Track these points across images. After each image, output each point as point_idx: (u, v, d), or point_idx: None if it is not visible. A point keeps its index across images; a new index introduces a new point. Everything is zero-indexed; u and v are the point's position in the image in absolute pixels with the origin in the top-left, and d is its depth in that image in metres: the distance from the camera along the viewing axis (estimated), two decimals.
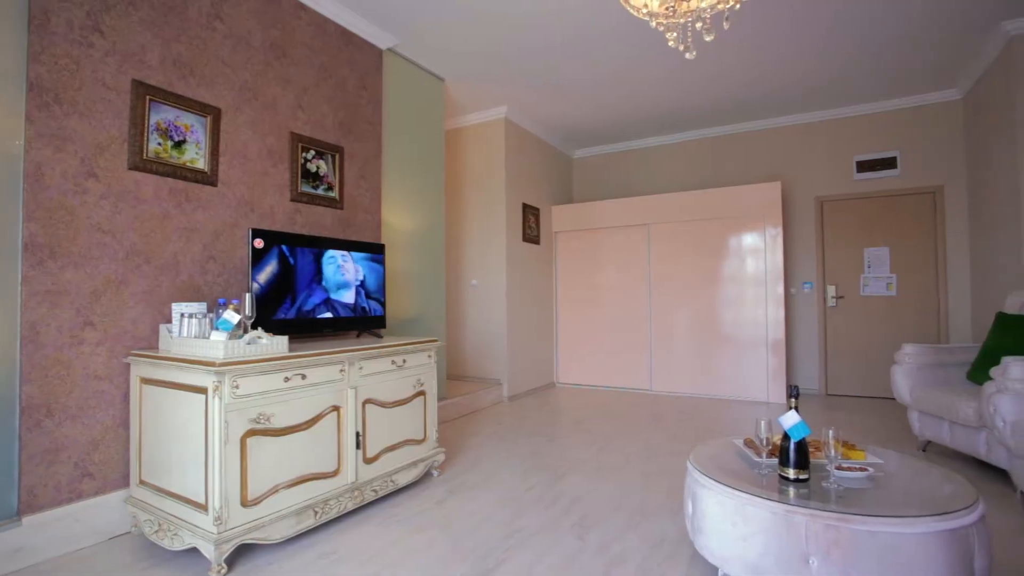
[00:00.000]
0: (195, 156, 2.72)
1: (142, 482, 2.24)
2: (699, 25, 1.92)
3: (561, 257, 6.38)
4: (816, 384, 5.53)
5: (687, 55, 1.99)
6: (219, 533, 1.91)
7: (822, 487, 1.74)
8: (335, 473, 2.41)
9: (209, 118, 2.78)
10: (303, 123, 3.37)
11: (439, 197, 4.70)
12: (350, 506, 2.44)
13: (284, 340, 2.26)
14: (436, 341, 3.15)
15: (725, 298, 5.43)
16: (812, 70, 4.56)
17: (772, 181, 5.37)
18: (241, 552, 2.10)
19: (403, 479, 2.79)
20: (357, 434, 2.53)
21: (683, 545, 2.13)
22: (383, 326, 3.34)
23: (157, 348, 2.44)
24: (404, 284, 4.25)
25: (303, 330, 2.82)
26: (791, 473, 1.75)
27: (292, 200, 3.27)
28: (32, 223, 2.15)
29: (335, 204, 3.56)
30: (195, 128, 2.72)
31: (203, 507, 1.96)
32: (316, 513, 2.27)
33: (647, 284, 5.84)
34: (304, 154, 3.36)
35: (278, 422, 2.15)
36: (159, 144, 2.56)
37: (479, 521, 2.42)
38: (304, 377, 2.28)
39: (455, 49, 4.21)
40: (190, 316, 2.23)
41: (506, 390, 5.36)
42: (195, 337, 2.18)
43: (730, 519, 1.70)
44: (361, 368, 2.60)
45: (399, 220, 4.24)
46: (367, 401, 2.62)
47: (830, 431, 1.77)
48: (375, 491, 2.60)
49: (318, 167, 3.47)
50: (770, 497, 1.64)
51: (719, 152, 6.09)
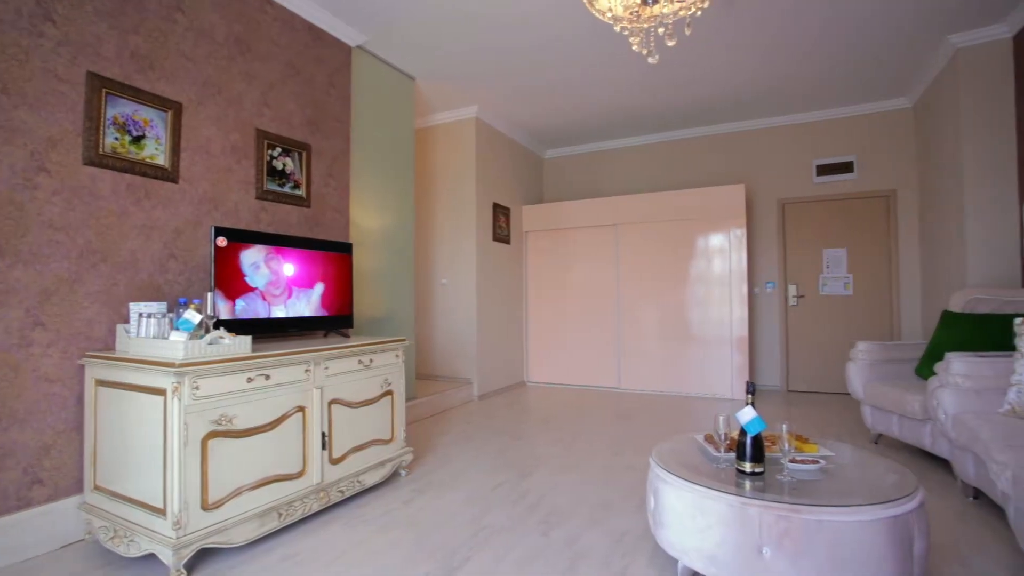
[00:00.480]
0: (155, 152, 2.65)
1: (97, 487, 2.18)
2: (661, 31, 1.97)
3: (531, 257, 6.42)
4: (778, 381, 5.71)
5: (650, 59, 2.04)
6: (178, 538, 1.87)
7: (776, 480, 1.81)
8: (300, 474, 2.38)
9: (170, 113, 2.71)
10: (269, 120, 3.31)
11: (409, 196, 4.68)
12: (316, 507, 2.42)
13: (247, 340, 2.23)
14: (404, 340, 3.14)
15: (691, 297, 5.55)
16: (774, 76, 4.71)
17: (737, 184, 5.51)
18: (201, 557, 2.06)
19: (370, 479, 2.78)
20: (323, 434, 2.51)
21: (646, 539, 2.18)
22: (350, 325, 3.32)
23: (114, 349, 2.37)
24: (373, 283, 4.22)
25: (268, 330, 2.78)
26: (747, 467, 1.82)
27: (258, 198, 3.21)
28: None
29: (302, 202, 3.52)
30: (155, 123, 2.65)
31: (161, 511, 1.91)
32: (280, 515, 2.25)
33: (615, 284, 5.93)
34: (270, 151, 3.30)
35: (241, 423, 2.12)
36: (116, 139, 2.48)
37: (446, 519, 2.43)
38: (268, 377, 2.25)
39: (425, 48, 4.19)
40: (149, 316, 2.17)
41: (476, 389, 5.37)
42: (154, 338, 2.12)
43: (689, 512, 1.76)
44: (327, 368, 2.58)
45: (368, 219, 4.20)
46: (333, 401, 2.60)
47: (783, 426, 1.85)
48: (341, 492, 2.58)
49: (284, 165, 3.41)
50: (726, 490, 1.70)
51: (686, 154, 6.22)
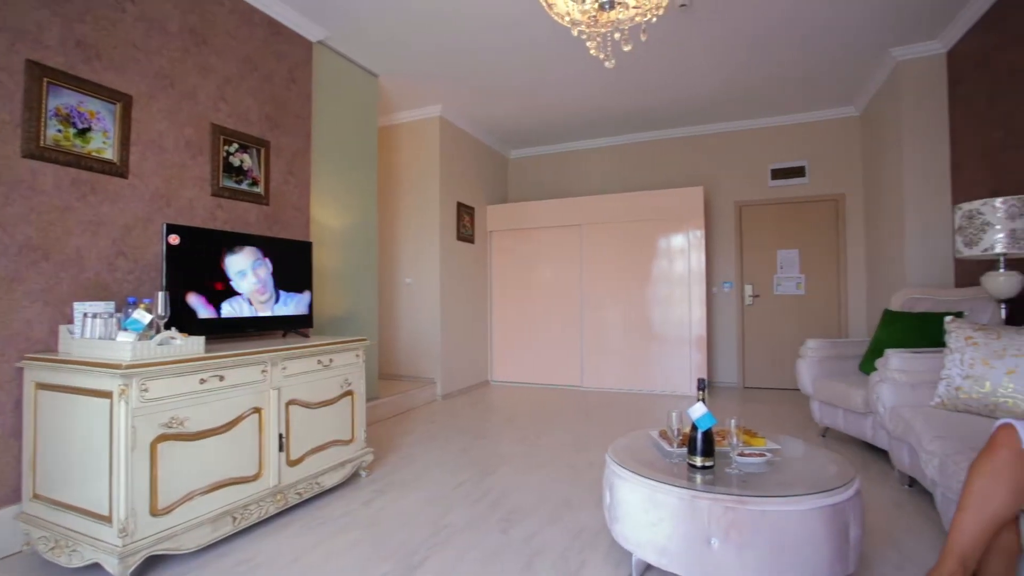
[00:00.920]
0: (102, 145, 2.55)
1: (36, 496, 2.08)
2: (617, 36, 2.01)
3: (496, 256, 6.44)
4: (735, 378, 5.90)
5: (607, 64, 2.08)
6: (124, 546, 1.81)
7: (725, 473, 1.88)
8: (256, 477, 2.34)
9: (119, 105, 2.62)
10: (226, 115, 3.23)
11: (372, 194, 4.63)
12: (272, 510, 2.38)
13: (200, 340, 2.17)
14: (365, 340, 3.12)
15: (652, 297, 5.67)
16: (730, 83, 4.86)
17: (696, 186, 5.65)
18: (150, 564, 2.00)
19: (330, 481, 2.75)
20: (280, 436, 2.47)
21: (603, 534, 2.23)
22: (310, 325, 3.27)
23: (56, 351, 2.27)
24: (334, 282, 4.16)
25: (224, 330, 2.72)
26: (698, 461, 1.88)
27: (213, 195, 3.13)
28: None
29: (260, 200, 3.44)
30: (102, 115, 2.55)
31: (107, 519, 1.85)
32: (235, 519, 2.20)
33: (579, 283, 6.01)
34: (227, 147, 3.22)
35: (193, 426, 2.07)
36: (59, 131, 2.38)
37: (406, 520, 2.43)
38: (222, 379, 2.20)
39: (389, 45, 4.16)
40: (94, 316, 2.09)
41: (440, 389, 5.36)
42: (99, 338, 2.05)
43: (642, 506, 1.81)
44: (285, 368, 2.54)
45: (329, 217, 4.14)
46: (291, 402, 2.56)
47: (732, 421, 1.92)
48: (299, 494, 2.55)
49: (242, 161, 3.33)
50: (677, 484, 1.76)
51: (648, 156, 6.35)
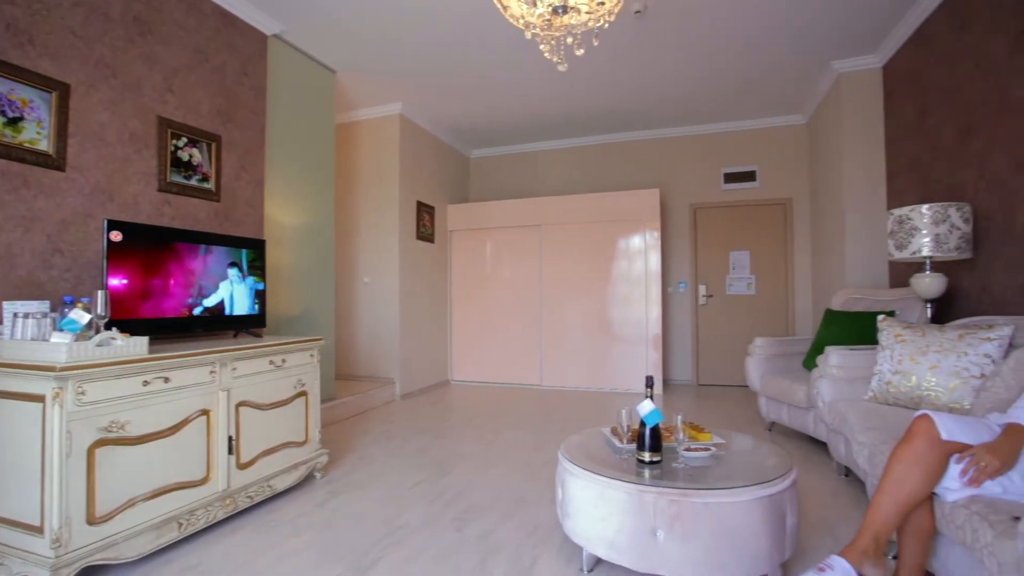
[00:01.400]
0: (36, 136, 2.43)
1: None
2: (570, 40, 2.06)
3: (456, 256, 6.43)
4: (689, 375, 6.08)
5: (560, 67, 2.12)
6: (57, 557, 1.73)
7: (672, 467, 1.95)
8: (204, 481, 2.28)
9: (55, 94, 2.50)
10: (174, 107, 3.12)
11: (329, 192, 4.56)
12: (221, 515, 2.32)
13: (143, 341, 2.10)
14: (320, 340, 3.07)
15: (611, 297, 5.78)
16: (684, 90, 5.00)
17: (652, 188, 5.79)
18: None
19: (282, 483, 2.70)
20: (230, 438, 2.41)
21: (556, 530, 2.27)
22: (262, 325, 3.20)
23: None
24: (289, 281, 4.07)
25: (172, 330, 2.63)
26: (646, 456, 1.94)
27: (160, 190, 3.02)
28: None
29: (211, 196, 3.34)
30: (36, 104, 2.43)
31: (38, 530, 1.76)
32: (181, 525, 2.13)
33: (538, 283, 6.07)
34: (175, 141, 3.12)
35: (135, 429, 2.00)
36: None
37: (360, 520, 2.41)
38: (167, 380, 2.13)
39: (347, 41, 4.10)
40: (26, 316, 1.99)
41: (399, 389, 5.32)
42: (32, 339, 1.95)
43: (592, 501, 1.85)
44: (235, 369, 2.47)
45: (285, 215, 4.05)
46: (242, 403, 2.50)
47: (678, 417, 1.99)
48: (250, 497, 2.49)
49: (191, 155, 3.23)
50: (625, 479, 1.81)
51: (606, 158, 6.47)
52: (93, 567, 1.91)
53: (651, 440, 1.93)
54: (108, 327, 2.07)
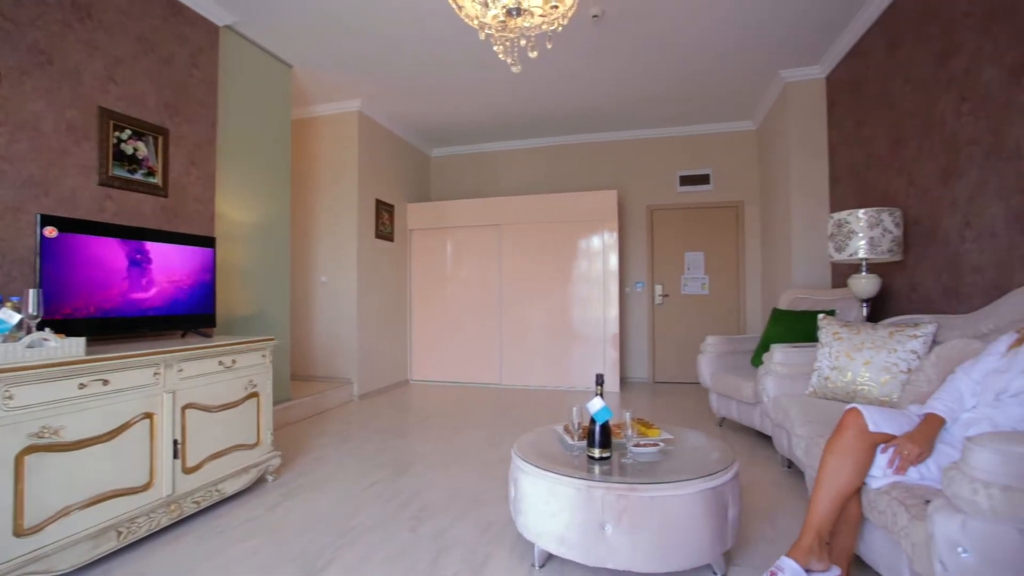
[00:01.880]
0: None
1: None
2: (523, 42, 2.08)
3: (416, 255, 6.39)
4: (646, 373, 6.22)
5: (513, 69, 2.15)
6: None
7: (621, 463, 2.00)
8: (146, 487, 2.20)
9: None
10: (116, 98, 2.99)
11: (285, 189, 4.45)
12: (165, 522, 2.25)
13: (80, 342, 2.01)
14: (272, 340, 3.01)
15: (569, 296, 5.86)
16: (640, 94, 5.12)
17: (610, 190, 5.89)
18: None
19: (231, 487, 2.63)
20: (175, 442, 2.33)
21: (510, 528, 2.29)
22: (212, 325, 3.11)
23: None
24: (242, 280, 3.96)
25: (114, 330, 2.53)
26: (596, 452, 1.99)
27: (101, 184, 2.90)
28: None
29: (157, 191, 3.22)
30: None
31: None
32: (120, 534, 2.06)
33: (498, 283, 6.09)
34: (118, 133, 2.99)
35: (70, 435, 1.91)
36: None
37: (312, 523, 2.38)
38: (106, 383, 2.05)
39: (303, 35, 4.02)
40: None
41: (356, 389, 5.25)
42: None
43: (543, 498, 1.89)
44: (181, 370, 2.40)
45: (238, 212, 3.94)
46: (188, 406, 2.42)
47: (627, 414, 2.05)
48: (197, 503, 2.42)
49: (136, 149, 3.11)
50: (574, 475, 1.85)
51: (566, 159, 6.55)
52: None
53: (601, 437, 1.98)
54: (41, 327, 1.97)
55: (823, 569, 1.65)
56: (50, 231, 2.28)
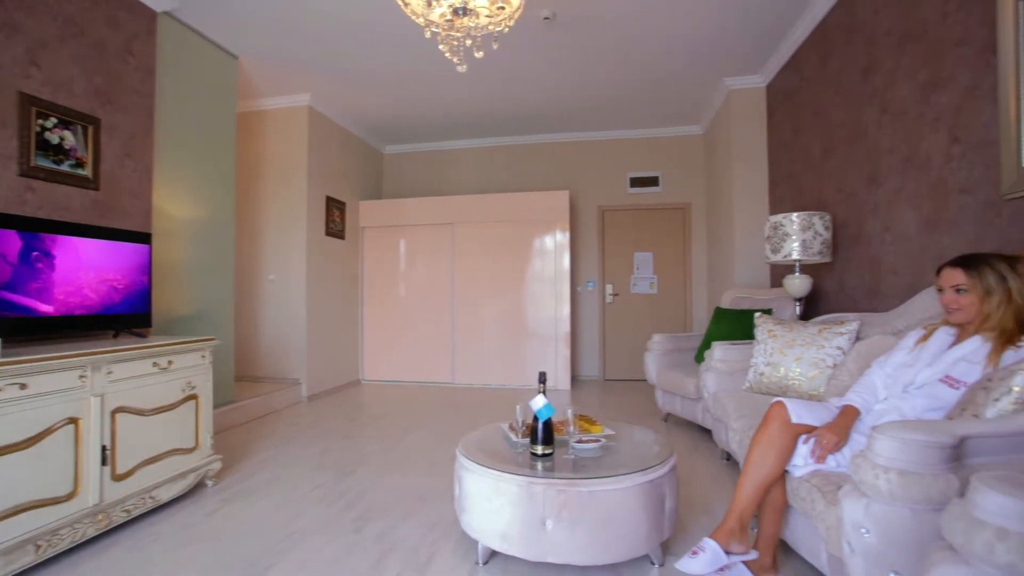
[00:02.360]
0: None
1: None
2: (469, 42, 2.09)
3: (368, 253, 6.30)
4: (597, 371, 6.35)
5: (459, 68, 2.16)
6: None
7: (563, 459, 2.05)
8: (70, 496, 2.09)
9: None
10: (40, 84, 2.82)
11: (229, 184, 4.30)
12: (92, 532, 2.14)
13: None
14: (212, 340, 2.91)
15: (522, 295, 5.91)
16: (591, 96, 5.21)
17: (562, 190, 5.97)
18: None
19: (167, 493, 2.53)
20: (104, 448, 2.23)
21: (455, 526, 2.30)
22: (148, 325, 2.98)
23: None
24: (182, 278, 3.81)
25: (37, 331, 2.38)
26: (539, 449, 2.03)
27: (23, 175, 2.72)
28: None
29: (87, 184, 3.06)
30: None
31: None
32: (39, 547, 1.94)
33: (451, 281, 6.08)
34: (42, 121, 2.82)
35: None
36: None
37: (253, 528, 2.32)
38: (24, 387, 1.93)
39: (249, 24, 3.89)
40: None
41: (305, 390, 5.14)
42: None
43: (486, 495, 1.91)
44: (111, 373, 2.29)
45: (178, 207, 3.78)
46: (119, 410, 2.32)
47: (569, 411, 2.09)
48: (128, 511, 2.32)
49: (63, 138, 2.94)
50: (516, 472, 1.88)
51: (520, 159, 6.59)
52: None
53: (543, 434, 2.02)
54: None
55: (743, 551, 1.74)
56: None
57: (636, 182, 6.29)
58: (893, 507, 1.26)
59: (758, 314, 3.18)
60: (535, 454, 2.03)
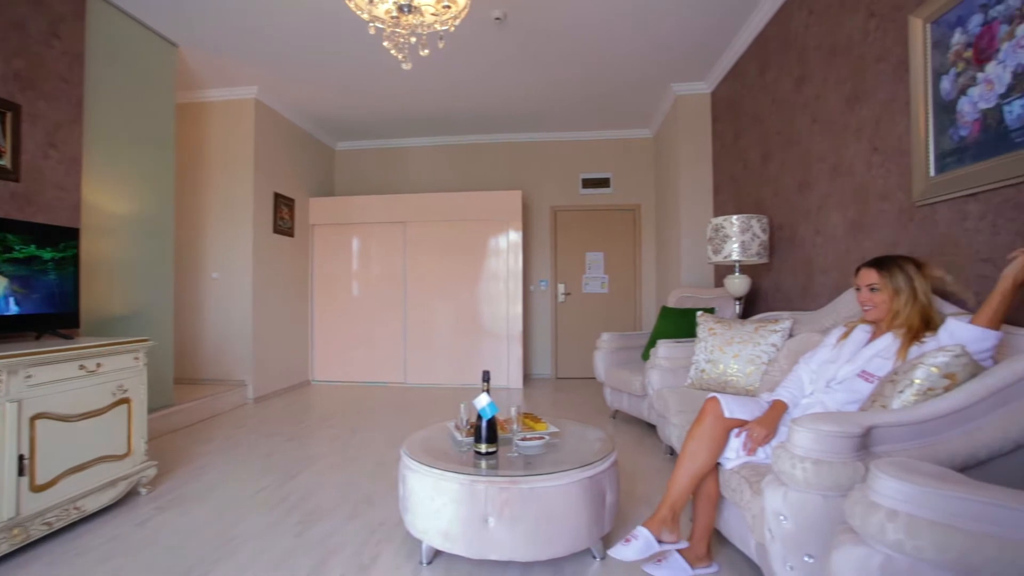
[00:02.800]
0: None
1: None
2: (414, 40, 2.08)
3: (318, 251, 6.16)
4: (549, 369, 6.42)
5: (404, 66, 2.14)
6: None
7: (507, 457, 2.07)
8: None
9: None
10: None
11: (168, 178, 4.12)
12: (5, 549, 2.01)
13: None
14: (147, 341, 2.78)
15: (475, 294, 5.91)
16: (542, 98, 5.27)
17: (515, 190, 6.01)
18: None
19: (94, 503, 2.41)
20: (21, 458, 2.10)
21: (400, 527, 2.28)
22: (75, 325, 2.82)
23: None
24: (117, 276, 3.63)
25: None
26: (483, 448, 2.04)
27: None
28: None
29: (6, 175, 2.87)
30: None
31: None
32: None
33: (403, 280, 6.02)
34: None
35: None
36: None
37: (188, 536, 2.24)
38: None
39: (190, 13, 3.74)
40: None
41: (251, 391, 4.98)
42: None
43: (428, 494, 1.91)
44: (30, 376, 2.16)
45: (111, 201, 3.60)
46: (39, 415, 2.19)
47: (513, 409, 2.12)
48: (49, 524, 2.19)
49: None
50: (457, 470, 1.89)
51: (474, 158, 6.59)
52: None
53: (487, 432, 2.03)
54: None
55: (673, 540, 1.81)
56: None
57: (588, 183, 6.39)
58: (807, 494, 1.34)
59: (700, 313, 3.29)
60: (479, 452, 2.04)
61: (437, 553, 2.03)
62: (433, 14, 2.17)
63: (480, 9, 3.53)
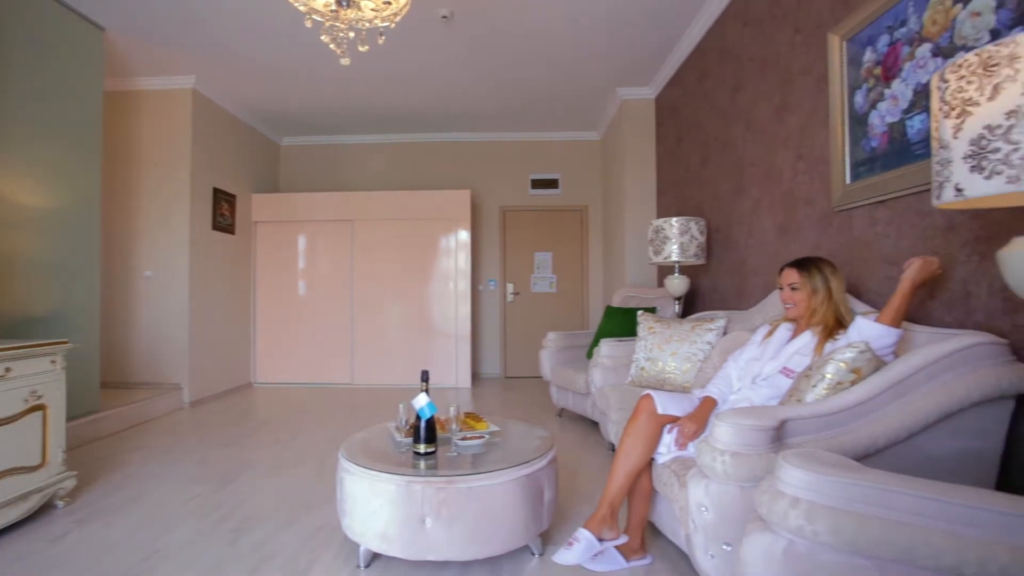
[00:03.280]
0: None
1: None
2: (352, 35, 2.05)
3: (261, 249, 5.96)
4: (498, 369, 6.45)
5: (343, 61, 2.11)
6: None
7: (446, 456, 2.07)
8: None
9: None
10: None
11: (94, 169, 3.88)
12: None
13: None
14: (65, 343, 2.62)
15: (423, 294, 5.87)
16: (491, 98, 5.31)
17: (464, 189, 6.00)
18: None
19: (2, 519, 2.24)
20: None
21: (337, 531, 2.24)
22: None
23: None
24: (33, 274, 3.39)
25: None
26: (422, 448, 2.03)
27: None
28: None
29: None
30: None
31: None
32: None
33: (350, 279, 5.91)
34: None
35: None
36: None
37: (108, 550, 2.12)
38: None
39: None
40: None
41: (187, 395, 4.76)
42: None
43: (365, 497, 1.89)
44: None
45: (26, 193, 3.36)
46: None
47: (452, 409, 2.12)
48: None
49: None
50: (394, 471, 1.88)
51: (422, 157, 6.54)
52: None
53: (426, 432, 2.02)
54: None
55: (614, 537, 1.86)
56: None
57: (537, 184, 6.46)
58: (726, 486, 1.40)
59: (641, 312, 3.39)
60: (417, 453, 2.03)
61: (375, 556, 2.00)
62: (373, 10, 2.14)
63: (426, 7, 3.51)
